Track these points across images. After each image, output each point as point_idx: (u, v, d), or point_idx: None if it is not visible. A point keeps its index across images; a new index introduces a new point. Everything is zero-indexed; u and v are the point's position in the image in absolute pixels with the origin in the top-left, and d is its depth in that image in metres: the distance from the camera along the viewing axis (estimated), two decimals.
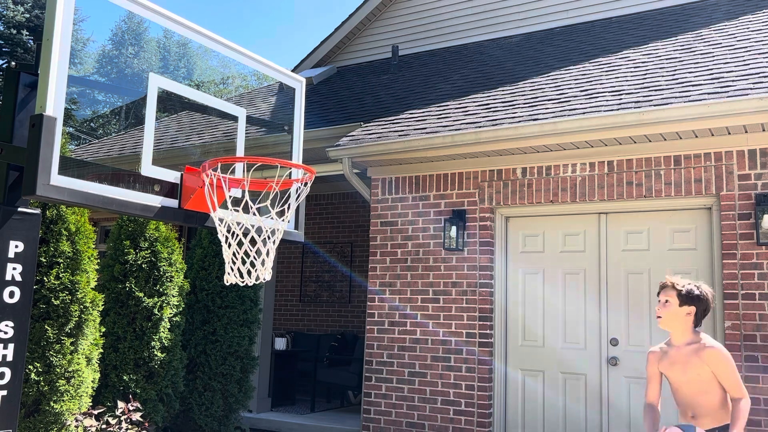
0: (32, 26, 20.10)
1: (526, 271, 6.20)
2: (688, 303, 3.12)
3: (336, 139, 7.00)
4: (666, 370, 3.18)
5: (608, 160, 5.78)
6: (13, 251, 2.99)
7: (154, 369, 5.96)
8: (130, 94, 32.74)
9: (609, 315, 5.76)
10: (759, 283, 5.09)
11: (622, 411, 5.61)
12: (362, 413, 6.56)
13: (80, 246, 5.14)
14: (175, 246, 6.34)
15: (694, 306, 3.12)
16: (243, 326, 6.89)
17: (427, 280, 6.42)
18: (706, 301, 3.13)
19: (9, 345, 2.98)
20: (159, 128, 9.74)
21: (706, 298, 3.13)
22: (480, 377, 6.03)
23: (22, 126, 3.04)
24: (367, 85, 9.09)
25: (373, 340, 6.60)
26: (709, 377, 3.04)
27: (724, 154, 5.36)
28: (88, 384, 5.09)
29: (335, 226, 10.36)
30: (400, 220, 6.67)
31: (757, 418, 4.98)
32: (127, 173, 3.26)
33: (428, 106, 7.20)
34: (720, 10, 7.71)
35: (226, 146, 7.76)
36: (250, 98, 10.95)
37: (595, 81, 6.41)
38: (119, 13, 46.28)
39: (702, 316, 3.16)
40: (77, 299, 5.03)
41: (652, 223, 5.72)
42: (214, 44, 3.68)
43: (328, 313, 10.16)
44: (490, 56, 8.61)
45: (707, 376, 3.04)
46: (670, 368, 3.16)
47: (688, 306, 3.12)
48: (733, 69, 5.67)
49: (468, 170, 6.37)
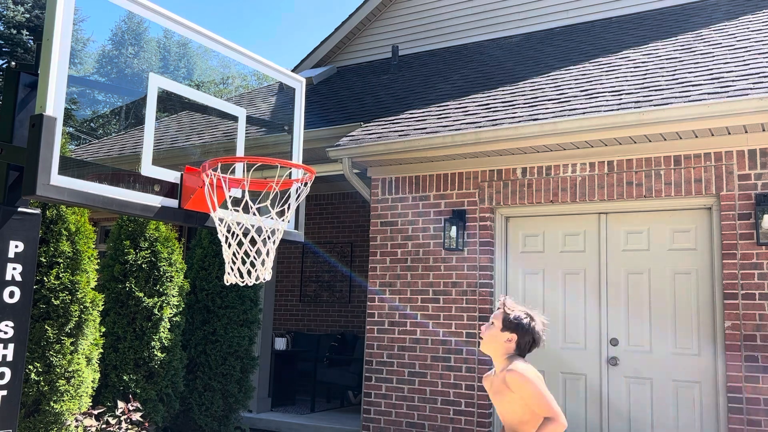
0: (32, 26, 20.10)
1: (526, 271, 6.20)
2: (510, 330, 2.91)
3: (336, 139, 7.00)
4: (492, 399, 2.96)
5: (608, 160, 5.78)
6: (13, 251, 2.99)
7: (154, 369, 5.96)
8: (130, 94, 32.75)
9: (609, 315, 5.76)
10: (759, 283, 5.09)
11: (622, 411, 5.61)
12: (362, 413, 6.56)
13: (80, 246, 5.14)
14: (175, 246, 6.34)
15: (515, 334, 2.90)
16: (243, 326, 6.89)
17: (427, 280, 6.42)
18: (532, 333, 2.90)
19: (9, 345, 2.97)
20: (159, 128, 9.74)
21: (532, 330, 2.91)
22: (480, 377, 6.03)
23: (22, 126, 3.04)
24: (367, 85, 9.09)
25: (373, 340, 6.60)
26: (521, 404, 2.78)
27: (724, 154, 5.36)
28: (88, 384, 5.09)
29: (335, 226, 10.36)
30: (400, 220, 6.67)
31: (757, 418, 4.98)
32: (127, 173, 3.26)
33: (428, 106, 7.20)
34: (720, 10, 7.71)
35: (226, 146, 7.76)
36: (250, 98, 10.95)
37: (595, 81, 6.41)
38: (119, 13, 46.26)
39: (527, 348, 2.93)
40: (77, 299, 5.03)
41: (652, 223, 5.72)
42: (214, 44, 3.68)
43: (328, 313, 10.16)
44: (490, 56, 8.61)
45: (519, 404, 2.79)
46: (493, 398, 2.93)
47: (510, 333, 2.91)
48: (733, 69, 5.67)
49: (468, 170, 6.37)
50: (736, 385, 5.07)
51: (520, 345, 2.91)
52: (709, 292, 5.42)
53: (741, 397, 5.05)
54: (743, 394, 5.04)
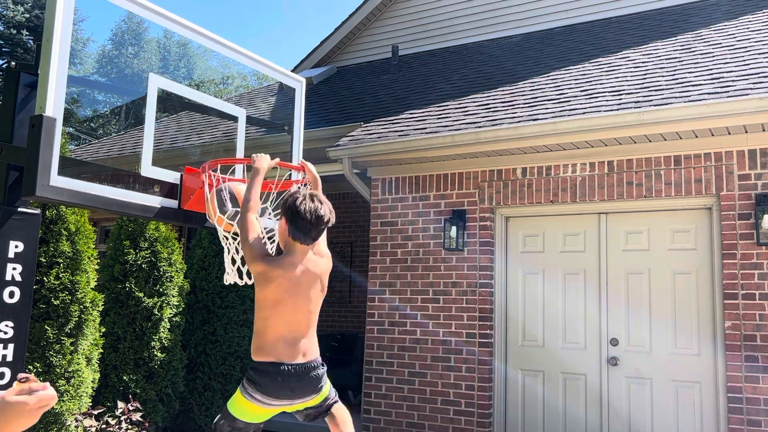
0: (32, 26, 20.10)
1: (526, 271, 6.20)
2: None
3: (336, 139, 7.00)
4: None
5: (608, 160, 5.78)
6: (13, 251, 2.98)
7: (154, 369, 5.96)
8: (130, 94, 32.75)
9: (609, 315, 5.76)
10: (759, 283, 5.09)
11: (622, 411, 5.60)
12: (362, 413, 6.56)
13: (80, 246, 5.14)
14: (175, 246, 6.34)
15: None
16: (243, 326, 6.89)
17: (427, 280, 6.42)
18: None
19: (9, 345, 2.97)
20: (159, 128, 9.74)
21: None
22: (480, 377, 6.03)
23: (22, 126, 3.04)
24: (367, 85, 9.09)
25: (373, 341, 6.60)
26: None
27: (724, 154, 5.36)
28: (88, 384, 5.09)
29: (335, 226, 10.36)
30: (400, 220, 6.67)
31: (757, 418, 4.98)
32: (127, 173, 3.26)
33: (428, 106, 7.19)
34: (720, 10, 7.71)
35: (226, 146, 7.75)
36: (250, 98, 10.95)
37: (595, 81, 6.41)
38: (119, 13, 46.25)
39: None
40: (77, 299, 5.03)
41: (652, 223, 5.72)
42: (214, 44, 3.68)
43: (328, 313, 10.16)
44: (490, 56, 8.60)
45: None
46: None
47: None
48: (733, 69, 5.66)
49: (468, 170, 6.37)
50: (736, 385, 5.07)
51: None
52: (709, 292, 5.42)
53: (741, 397, 5.05)
54: (743, 394, 5.04)
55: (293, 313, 2.77)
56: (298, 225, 2.76)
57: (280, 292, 2.73)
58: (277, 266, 2.74)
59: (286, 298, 2.74)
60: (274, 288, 2.73)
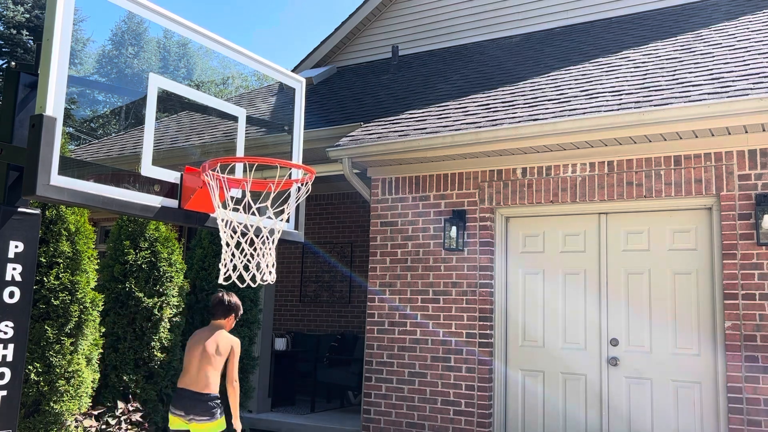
0: (32, 26, 20.10)
1: (526, 271, 6.20)
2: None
3: (336, 139, 7.00)
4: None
5: (608, 160, 5.78)
6: (13, 251, 2.98)
7: (154, 369, 5.96)
8: (130, 94, 32.74)
9: (609, 315, 5.76)
10: (759, 283, 5.09)
11: (622, 411, 5.60)
12: (362, 413, 6.56)
13: (80, 246, 5.14)
14: (175, 246, 6.33)
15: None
16: (243, 326, 6.89)
17: (427, 281, 6.42)
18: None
19: (9, 345, 2.97)
20: (159, 128, 9.74)
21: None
22: (480, 377, 6.03)
23: (22, 126, 3.03)
24: (367, 85, 9.09)
25: (373, 341, 6.60)
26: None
27: (724, 154, 5.36)
28: (87, 384, 5.08)
29: (335, 226, 10.36)
30: (400, 221, 6.67)
31: (757, 418, 4.98)
32: (127, 173, 3.26)
33: (428, 106, 7.19)
34: (720, 10, 7.71)
35: (226, 146, 7.75)
36: (250, 98, 10.95)
37: (595, 81, 6.41)
38: (119, 13, 46.25)
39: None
40: (77, 299, 5.02)
41: (653, 223, 5.72)
42: (214, 44, 3.68)
43: (328, 314, 10.16)
44: (490, 56, 8.61)
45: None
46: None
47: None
48: (733, 69, 5.66)
49: (468, 170, 6.37)
50: (736, 385, 5.07)
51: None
52: (709, 293, 5.42)
53: (741, 397, 5.05)
54: (743, 394, 5.04)
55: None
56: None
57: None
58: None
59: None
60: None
